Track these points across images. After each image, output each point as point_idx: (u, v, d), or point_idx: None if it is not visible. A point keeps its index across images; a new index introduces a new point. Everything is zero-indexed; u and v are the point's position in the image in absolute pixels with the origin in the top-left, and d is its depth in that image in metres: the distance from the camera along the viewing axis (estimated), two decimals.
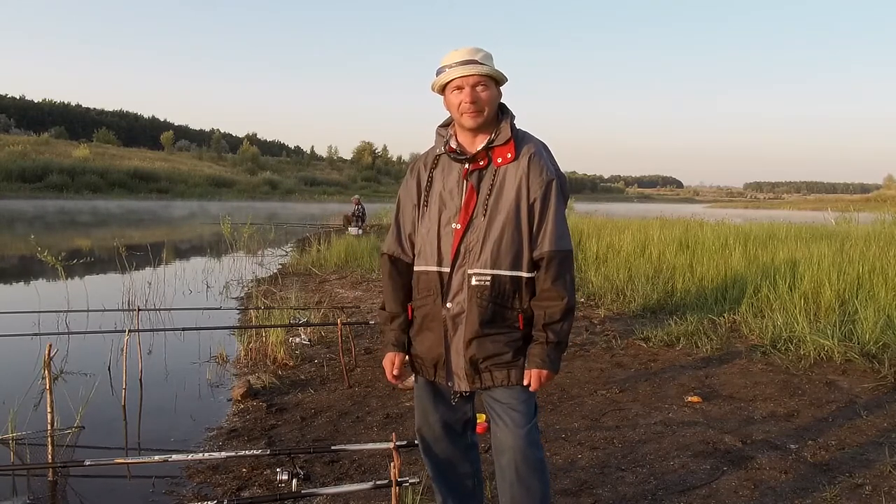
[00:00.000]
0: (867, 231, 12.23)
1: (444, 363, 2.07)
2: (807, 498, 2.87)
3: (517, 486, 2.05)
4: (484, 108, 1.98)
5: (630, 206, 59.04)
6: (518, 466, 2.04)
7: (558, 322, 2.00)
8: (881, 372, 4.58)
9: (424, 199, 2.10)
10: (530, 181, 1.98)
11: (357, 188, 63.80)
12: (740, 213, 33.08)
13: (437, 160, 2.12)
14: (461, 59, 1.98)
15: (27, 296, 8.64)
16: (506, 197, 1.99)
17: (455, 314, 2.03)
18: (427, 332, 2.09)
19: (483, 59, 1.99)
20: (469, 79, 1.97)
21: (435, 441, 2.20)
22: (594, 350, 5.53)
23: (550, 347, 1.99)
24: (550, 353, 2.00)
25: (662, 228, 12.26)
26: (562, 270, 2.00)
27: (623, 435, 3.63)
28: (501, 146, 2.02)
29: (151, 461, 3.26)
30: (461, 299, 2.02)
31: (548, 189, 1.99)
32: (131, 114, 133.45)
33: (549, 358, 1.99)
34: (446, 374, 2.08)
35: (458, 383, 2.07)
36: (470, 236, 2.01)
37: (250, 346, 5.59)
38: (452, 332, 2.04)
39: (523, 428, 2.03)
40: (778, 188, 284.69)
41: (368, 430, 3.86)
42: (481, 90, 1.98)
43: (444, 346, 2.06)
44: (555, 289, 1.99)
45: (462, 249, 2.01)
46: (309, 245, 14.15)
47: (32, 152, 61.57)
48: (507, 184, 2.00)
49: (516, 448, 2.03)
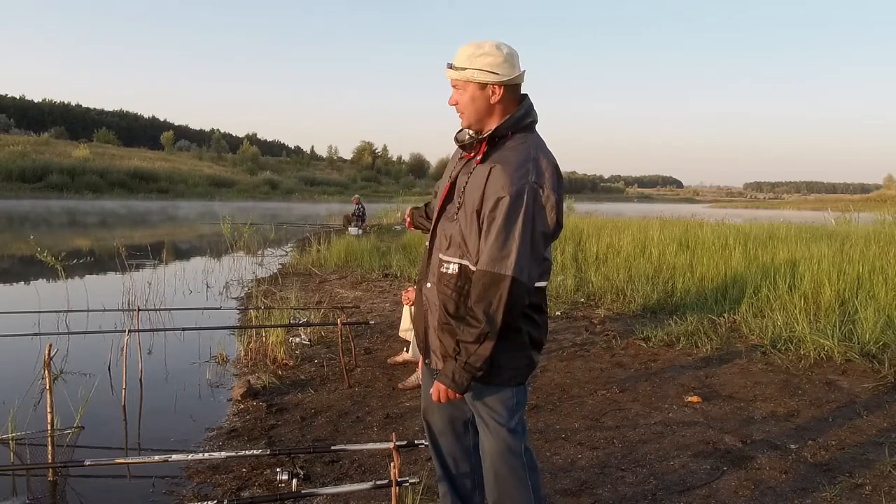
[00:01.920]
0: (867, 231, 12.23)
1: (424, 339, 2.11)
2: (807, 498, 2.87)
3: (497, 489, 2.06)
4: (463, 110, 1.98)
5: (630, 206, 59.03)
6: (497, 470, 2.04)
7: (472, 344, 1.87)
8: (881, 372, 4.58)
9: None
10: (486, 191, 1.89)
11: (357, 188, 63.71)
12: (740, 213, 33.04)
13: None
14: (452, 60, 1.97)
15: (27, 296, 8.64)
16: (470, 195, 1.95)
17: (430, 294, 2.07)
18: (417, 307, 2.15)
19: (469, 59, 1.92)
20: (451, 81, 1.99)
21: (440, 433, 2.22)
22: (594, 350, 5.53)
23: (458, 366, 1.89)
24: (457, 371, 1.89)
25: (662, 228, 12.26)
26: (486, 294, 1.84)
27: (623, 435, 3.63)
28: (482, 143, 1.98)
29: (151, 461, 3.26)
30: (434, 280, 2.05)
31: (496, 206, 1.85)
32: (131, 114, 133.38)
33: (453, 376, 1.90)
34: (426, 351, 2.12)
35: (434, 361, 2.09)
36: (443, 222, 2.04)
37: (250, 346, 5.59)
38: (430, 311, 2.08)
39: (500, 431, 2.03)
40: (778, 188, 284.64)
41: (368, 430, 3.86)
42: (459, 94, 1.98)
43: (425, 322, 2.10)
44: (474, 310, 1.87)
45: (438, 232, 2.05)
46: (309, 245, 14.15)
47: (32, 152, 61.47)
48: (474, 183, 1.94)
49: (494, 452, 2.04)
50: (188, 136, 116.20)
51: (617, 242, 10.97)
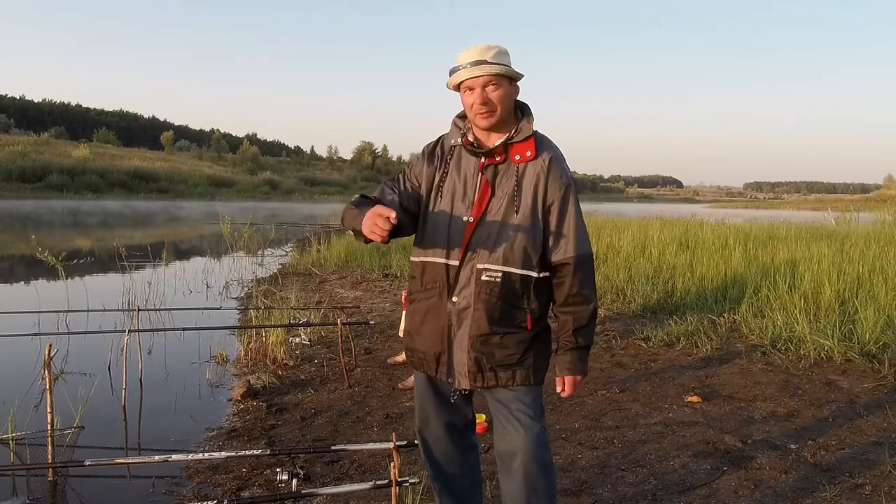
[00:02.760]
0: (867, 231, 12.24)
1: (447, 359, 2.04)
2: (807, 498, 2.87)
3: (526, 488, 2.03)
4: (496, 108, 1.96)
5: (630, 206, 59.02)
6: (528, 469, 2.02)
7: (586, 326, 2.03)
8: (881, 372, 4.58)
9: (438, 188, 2.06)
10: (549, 183, 1.98)
11: (357, 188, 63.69)
12: (740, 213, 33.07)
13: (452, 150, 2.09)
14: (472, 58, 1.94)
15: (27, 296, 8.63)
16: (524, 195, 1.97)
17: (461, 308, 2.00)
18: (430, 325, 2.06)
19: (495, 56, 1.94)
20: (479, 79, 1.94)
21: (436, 442, 2.19)
22: (594, 350, 5.53)
23: (581, 352, 2.03)
24: (581, 357, 2.03)
25: (662, 228, 12.27)
26: (588, 274, 2.02)
27: (623, 435, 3.63)
28: (521, 143, 2.00)
29: (151, 461, 3.25)
30: (468, 294, 1.98)
31: (567, 193, 1.99)
32: (131, 114, 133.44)
33: (580, 363, 2.03)
34: (447, 370, 2.05)
35: (458, 380, 2.04)
36: (482, 231, 1.98)
37: (250, 346, 5.59)
38: (457, 327, 2.01)
39: (533, 430, 2.02)
40: (778, 188, 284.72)
41: (368, 430, 3.86)
42: (492, 90, 1.95)
43: (447, 341, 2.03)
44: (582, 294, 2.01)
45: (473, 243, 1.98)
46: (309, 245, 14.15)
47: (32, 152, 61.45)
48: (526, 182, 1.98)
49: (526, 450, 2.01)
50: (188, 136, 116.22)
51: (617, 242, 10.97)
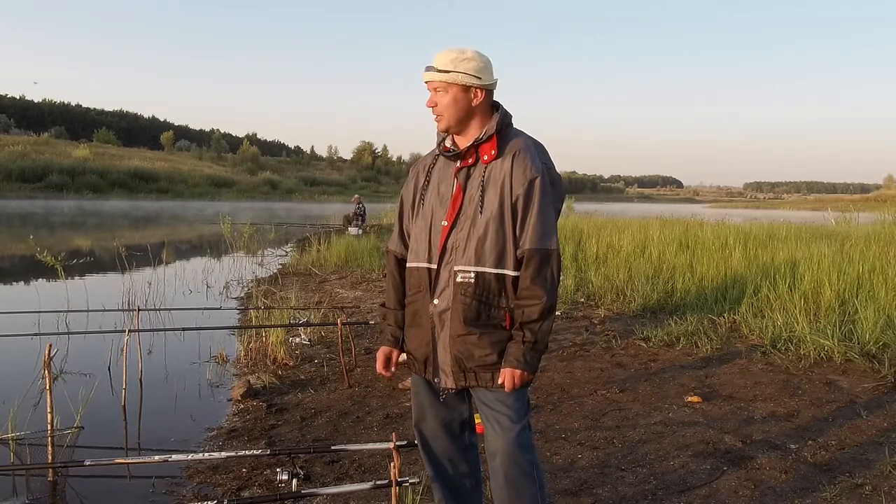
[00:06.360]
0: (867, 231, 12.24)
1: (433, 360, 2.10)
2: (807, 498, 2.87)
3: (507, 488, 2.06)
4: (442, 112, 2.03)
5: (630, 206, 59.02)
6: (507, 470, 2.04)
7: (536, 321, 1.98)
8: (881, 372, 4.58)
9: (420, 197, 2.16)
10: (513, 178, 2.00)
11: (357, 188, 63.69)
12: (740, 213, 33.07)
13: (436, 159, 2.17)
14: (431, 63, 2.02)
15: (27, 296, 8.64)
16: (490, 194, 2.01)
17: (441, 310, 2.06)
18: (417, 327, 2.13)
19: (452, 63, 1.99)
20: (429, 84, 2.04)
21: (432, 438, 2.21)
22: (594, 350, 5.53)
23: (527, 347, 1.98)
24: (527, 353, 1.98)
25: (662, 228, 12.27)
26: (541, 269, 1.99)
27: (623, 435, 3.63)
28: (485, 143, 2.05)
29: (151, 461, 3.26)
30: (447, 295, 2.04)
31: (531, 186, 1.99)
32: (131, 114, 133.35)
33: (524, 358, 1.98)
34: (434, 370, 2.11)
35: (444, 380, 2.09)
36: (455, 233, 2.04)
37: (250, 346, 5.59)
38: (439, 328, 2.07)
39: (512, 430, 2.04)
40: (778, 188, 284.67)
41: (368, 430, 3.86)
42: (440, 96, 2.03)
43: (432, 342, 2.09)
44: (533, 287, 1.98)
45: (449, 246, 2.05)
46: (309, 245, 14.15)
47: (32, 152, 61.53)
48: (492, 181, 2.02)
49: (505, 451, 2.04)
50: (188, 136, 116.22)
51: (617, 242, 10.97)
